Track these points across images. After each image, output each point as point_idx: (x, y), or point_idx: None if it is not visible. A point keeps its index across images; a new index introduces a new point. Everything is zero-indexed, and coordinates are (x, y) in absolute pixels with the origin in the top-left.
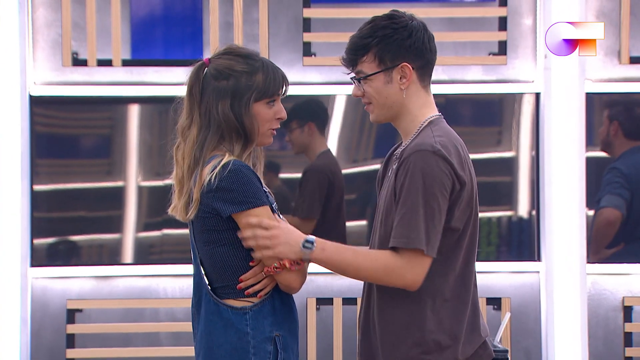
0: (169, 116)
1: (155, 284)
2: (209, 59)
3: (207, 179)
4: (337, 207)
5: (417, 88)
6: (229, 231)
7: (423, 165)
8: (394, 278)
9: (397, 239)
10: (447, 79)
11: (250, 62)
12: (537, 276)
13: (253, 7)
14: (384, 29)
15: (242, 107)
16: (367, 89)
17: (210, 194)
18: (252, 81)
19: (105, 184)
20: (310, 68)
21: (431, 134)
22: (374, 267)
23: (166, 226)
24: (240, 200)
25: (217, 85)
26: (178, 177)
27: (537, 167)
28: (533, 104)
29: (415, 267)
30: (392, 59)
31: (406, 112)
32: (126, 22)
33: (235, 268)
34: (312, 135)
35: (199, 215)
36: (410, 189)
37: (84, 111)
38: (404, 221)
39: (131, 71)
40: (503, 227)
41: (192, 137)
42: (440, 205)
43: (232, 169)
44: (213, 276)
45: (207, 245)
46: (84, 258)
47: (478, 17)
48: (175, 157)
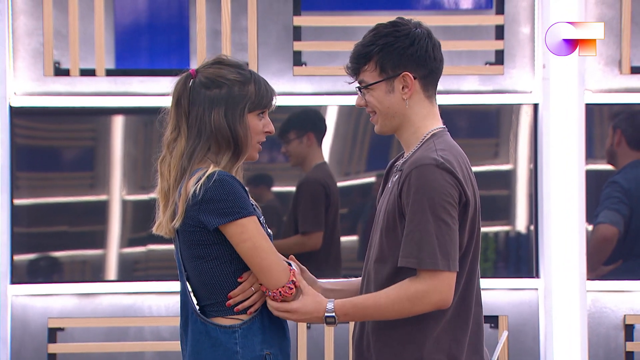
0: (154, 128)
1: (140, 302)
2: (196, 70)
3: (192, 190)
4: (333, 221)
5: (420, 98)
6: (217, 245)
7: (427, 179)
8: (423, 305)
9: (406, 259)
10: (442, 89)
11: (242, 72)
12: (536, 293)
13: (241, 15)
14: (386, 36)
15: (237, 116)
16: (369, 98)
17: (195, 206)
18: (245, 91)
19: (88, 198)
20: (301, 78)
21: (434, 147)
22: (399, 305)
23: (151, 241)
24: (226, 212)
25: (210, 94)
26: (163, 190)
27: (536, 181)
28: (531, 115)
29: (438, 286)
30: (393, 68)
31: (409, 123)
32: (110, 31)
33: (223, 284)
34: (311, 147)
35: (184, 229)
36: (416, 206)
37: (66, 122)
38: (413, 240)
39: (115, 81)
40: (500, 242)
41: (179, 149)
42: (451, 215)
43: (218, 179)
44: (201, 293)
45: (194, 261)
46: (66, 275)
47: (474, 25)
48: (161, 170)
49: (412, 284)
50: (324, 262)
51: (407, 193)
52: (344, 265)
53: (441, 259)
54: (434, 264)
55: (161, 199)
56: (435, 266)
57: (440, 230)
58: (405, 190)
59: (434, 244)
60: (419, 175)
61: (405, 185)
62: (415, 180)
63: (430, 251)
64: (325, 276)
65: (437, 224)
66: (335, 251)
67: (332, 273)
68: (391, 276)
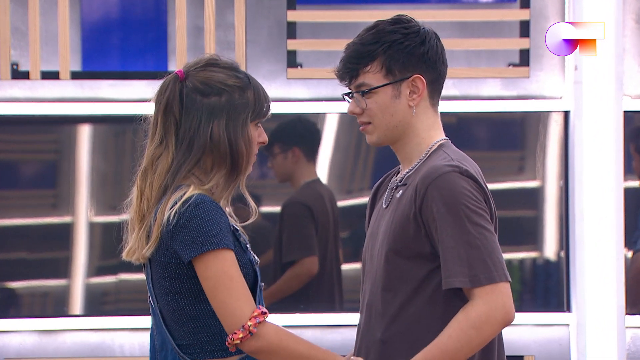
0: (127, 138)
1: (109, 340)
2: (184, 72)
3: (167, 216)
4: (324, 246)
5: (426, 105)
6: (194, 280)
7: (453, 187)
8: (490, 326)
9: (454, 279)
10: (458, 94)
11: (240, 76)
12: (567, 330)
13: (227, 9)
14: (392, 34)
15: (238, 128)
16: (371, 104)
17: (169, 234)
18: (245, 98)
19: (50, 220)
20: (296, 81)
21: (447, 156)
22: (465, 338)
23: (123, 270)
24: (199, 241)
25: (208, 102)
26: (141, 211)
27: (567, 200)
28: (561, 125)
29: (499, 301)
30: (401, 70)
31: (413, 134)
32: (76, 27)
33: (204, 323)
34: (298, 162)
35: (158, 259)
36: (449, 217)
37: (25, 132)
38: (458, 256)
39: (82, 85)
40: (526, 271)
41: (164, 164)
42: (488, 221)
43: (194, 203)
44: (176, 332)
45: (169, 296)
46: (25, 309)
47: (495, 21)
48: (140, 187)
49: (470, 310)
50: (318, 293)
51: (431, 206)
52: (347, 297)
53: (495, 271)
54: (490, 279)
55: (136, 220)
56: (492, 280)
57: (485, 239)
58: (429, 204)
59: (483, 256)
60: (442, 185)
61: (427, 199)
62: (439, 190)
63: (481, 265)
64: (323, 310)
65: (479, 232)
66: (332, 280)
67: (332, 306)
68: (405, 304)
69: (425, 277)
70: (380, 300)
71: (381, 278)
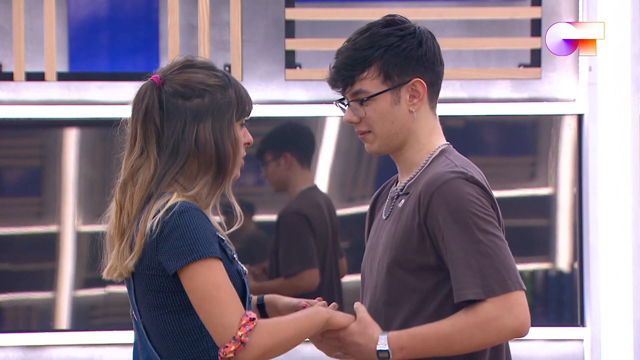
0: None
1: (98, 356)
2: (161, 77)
3: (149, 225)
4: (322, 258)
5: (426, 110)
6: (180, 294)
7: (460, 194)
8: (498, 332)
9: (468, 290)
10: (466, 96)
11: (219, 75)
12: (581, 345)
13: (223, 7)
14: (388, 37)
15: (224, 129)
16: (370, 112)
17: (152, 244)
18: (228, 97)
19: (35, 229)
20: (294, 83)
21: (451, 162)
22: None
23: (111, 282)
24: (184, 251)
25: (191, 105)
26: (121, 226)
27: (580, 208)
28: (575, 128)
29: (513, 309)
30: (400, 74)
31: (414, 140)
32: (62, 26)
33: (191, 338)
34: (291, 169)
35: (141, 271)
36: (457, 226)
37: (8, 137)
38: (469, 267)
39: (69, 87)
40: (538, 283)
41: (146, 175)
42: (497, 228)
43: (178, 211)
44: (160, 348)
45: (153, 310)
46: (9, 323)
47: (505, 19)
48: (119, 201)
49: (481, 310)
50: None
51: (436, 215)
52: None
53: (509, 279)
54: (504, 288)
55: (116, 236)
56: (506, 289)
57: (496, 246)
58: (434, 212)
59: (496, 264)
60: (447, 192)
61: (432, 207)
62: (444, 198)
63: (495, 274)
64: None
65: (489, 240)
66: (333, 294)
67: None
68: (409, 319)
69: (431, 290)
70: (382, 315)
71: (383, 292)
